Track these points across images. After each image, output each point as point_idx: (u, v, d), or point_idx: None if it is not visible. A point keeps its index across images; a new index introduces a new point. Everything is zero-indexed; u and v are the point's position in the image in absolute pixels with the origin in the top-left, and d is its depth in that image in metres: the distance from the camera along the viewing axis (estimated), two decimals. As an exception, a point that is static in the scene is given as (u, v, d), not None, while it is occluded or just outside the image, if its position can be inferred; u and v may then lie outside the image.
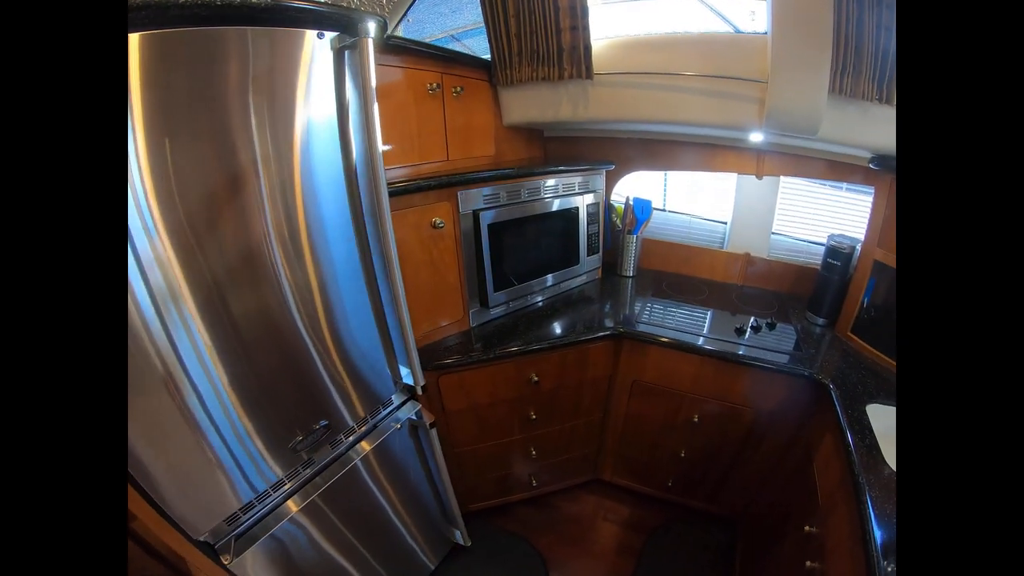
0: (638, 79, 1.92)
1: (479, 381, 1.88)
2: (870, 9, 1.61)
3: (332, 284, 1.25)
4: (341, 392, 1.38)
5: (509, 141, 2.24)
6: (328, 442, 1.38)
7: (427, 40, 2.11)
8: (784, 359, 1.89)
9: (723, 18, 2.17)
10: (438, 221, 1.72)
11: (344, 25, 1.09)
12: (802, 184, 2.40)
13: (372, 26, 1.11)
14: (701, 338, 1.98)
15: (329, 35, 1.08)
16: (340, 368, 1.35)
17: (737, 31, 2.11)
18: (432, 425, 1.65)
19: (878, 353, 1.95)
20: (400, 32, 2.21)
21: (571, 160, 2.28)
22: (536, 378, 1.94)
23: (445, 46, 1.97)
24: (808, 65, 1.68)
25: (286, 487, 1.29)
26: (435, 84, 1.78)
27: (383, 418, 1.56)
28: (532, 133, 2.42)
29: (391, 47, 1.61)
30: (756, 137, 2.11)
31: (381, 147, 1.19)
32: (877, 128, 1.85)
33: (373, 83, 1.13)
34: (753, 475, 2.17)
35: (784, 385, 1.89)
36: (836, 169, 2.22)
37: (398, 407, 1.60)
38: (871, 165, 1.95)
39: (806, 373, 1.82)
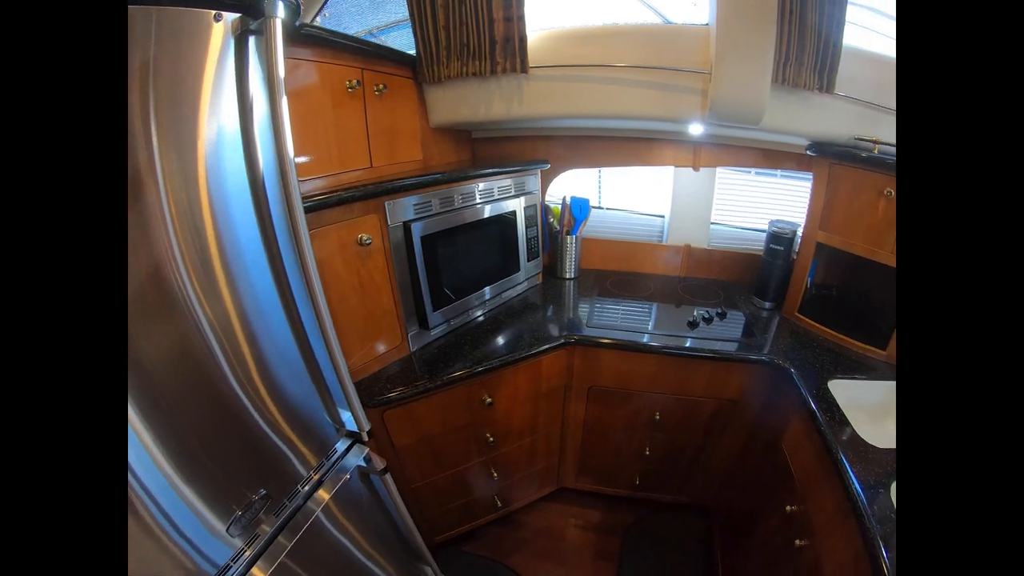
0: (577, 72, 1.81)
1: (428, 411, 1.69)
2: (812, 1, 1.64)
3: (257, 318, 1.02)
4: (286, 442, 1.15)
5: (437, 144, 2.06)
6: (284, 498, 1.16)
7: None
8: (736, 346, 1.90)
9: (655, 10, 2.14)
10: (365, 237, 1.50)
11: (246, 4, 0.87)
12: (737, 174, 2.43)
13: (280, 6, 0.89)
14: (653, 335, 1.93)
15: (228, 16, 0.85)
16: (278, 416, 1.12)
17: (668, 23, 2.06)
18: (384, 471, 1.43)
19: (828, 330, 2.01)
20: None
21: (502, 161, 2.13)
22: (489, 399, 1.80)
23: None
24: (752, 55, 1.67)
25: (247, 555, 1.04)
26: (355, 81, 1.56)
27: (331, 467, 1.33)
28: (460, 135, 2.26)
29: (305, 38, 1.37)
30: (696, 129, 2.07)
31: (292, 152, 0.96)
32: (817, 116, 1.89)
33: (281, 74, 0.91)
34: (721, 463, 2.17)
35: (742, 372, 1.89)
36: (771, 157, 2.26)
37: (344, 454, 1.37)
38: (809, 152, 2.00)
39: (765, 358, 1.82)
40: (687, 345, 1.87)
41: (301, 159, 1.43)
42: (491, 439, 1.92)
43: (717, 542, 2.25)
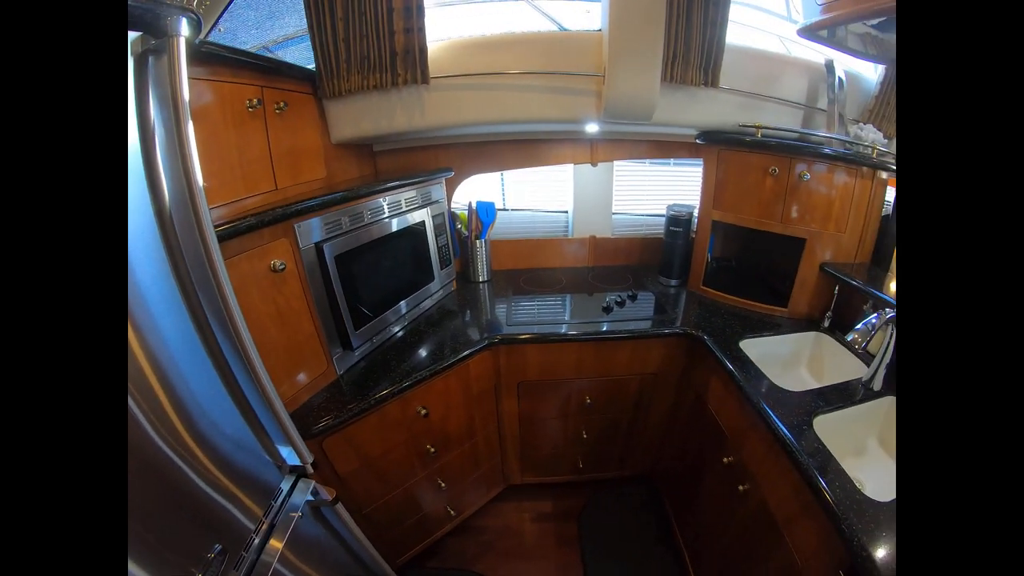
0: (477, 80, 1.85)
1: (366, 433, 1.64)
2: (698, 4, 1.79)
3: (170, 366, 0.92)
4: (227, 495, 1.05)
5: (340, 160, 1.99)
6: (241, 550, 1.06)
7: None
8: (650, 324, 2.03)
9: (551, 19, 2.21)
10: (278, 263, 1.42)
11: (147, 21, 0.79)
12: (634, 165, 2.58)
13: (184, 23, 0.82)
14: (571, 325, 2.02)
15: (128, 36, 0.78)
16: (214, 469, 1.01)
17: (563, 30, 2.16)
18: (335, 501, 1.37)
19: (732, 297, 2.22)
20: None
21: (406, 173, 2.11)
22: (424, 410, 1.78)
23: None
24: (642, 57, 1.80)
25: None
26: (255, 100, 1.46)
27: (280, 510, 1.23)
28: (361, 149, 2.20)
29: (203, 56, 1.27)
30: (592, 128, 2.19)
31: (201, 179, 0.90)
32: (704, 108, 2.07)
33: (186, 96, 0.84)
34: (656, 433, 2.33)
35: (659, 346, 2.03)
36: (664, 147, 2.44)
37: (290, 493, 1.29)
38: (699, 140, 2.18)
39: (679, 330, 1.97)
40: (604, 329, 1.97)
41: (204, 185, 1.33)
42: (432, 450, 1.90)
43: (668, 505, 2.38)
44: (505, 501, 2.54)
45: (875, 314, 1.58)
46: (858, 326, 1.56)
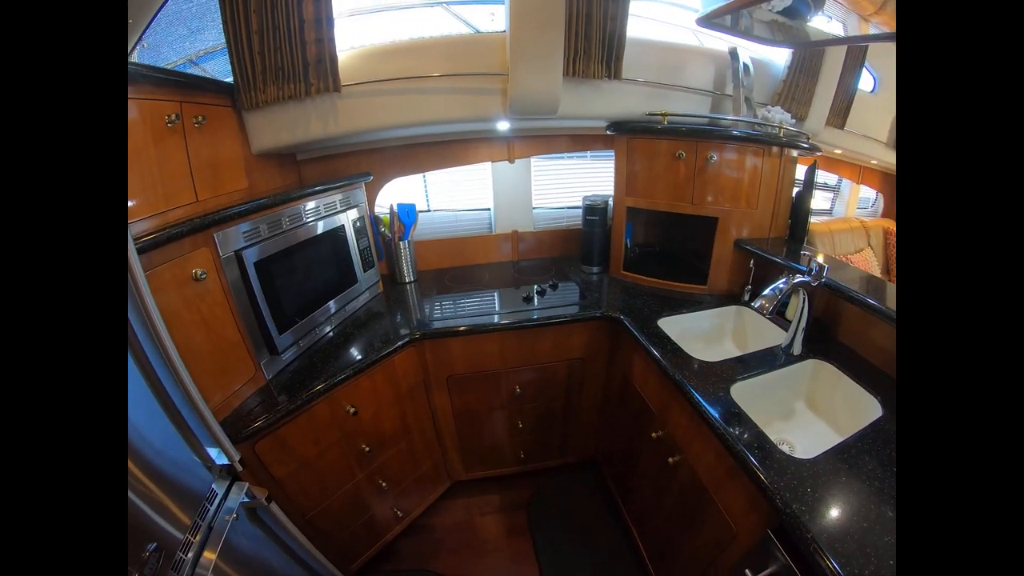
0: (387, 86, 1.94)
1: (297, 434, 1.69)
2: (598, 1, 1.92)
3: None
4: (155, 506, 1.08)
5: (262, 171, 2.04)
6: (171, 564, 1.08)
7: (166, 67, 1.79)
8: (572, 310, 2.13)
9: (466, 23, 2.33)
10: (199, 272, 1.48)
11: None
12: (552, 161, 2.73)
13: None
14: (494, 316, 2.10)
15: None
16: (142, 477, 1.05)
17: (477, 32, 2.27)
18: (268, 499, 1.41)
19: (652, 279, 2.37)
20: (135, 59, 1.86)
21: (327, 180, 2.16)
22: (353, 409, 1.83)
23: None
24: (544, 54, 1.91)
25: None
26: (174, 115, 1.51)
27: (213, 516, 1.27)
28: (284, 159, 2.25)
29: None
30: (503, 125, 2.30)
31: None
32: (609, 100, 2.21)
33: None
34: (590, 417, 2.44)
35: (582, 331, 2.14)
36: (579, 141, 2.59)
37: (224, 496, 1.33)
38: (609, 131, 2.31)
39: (598, 314, 2.09)
40: (523, 318, 2.06)
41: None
42: (367, 449, 1.95)
43: (612, 486, 2.48)
44: (453, 498, 2.62)
45: (782, 279, 1.66)
46: (765, 292, 1.62)
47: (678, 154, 2.11)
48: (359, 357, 1.86)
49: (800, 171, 2.29)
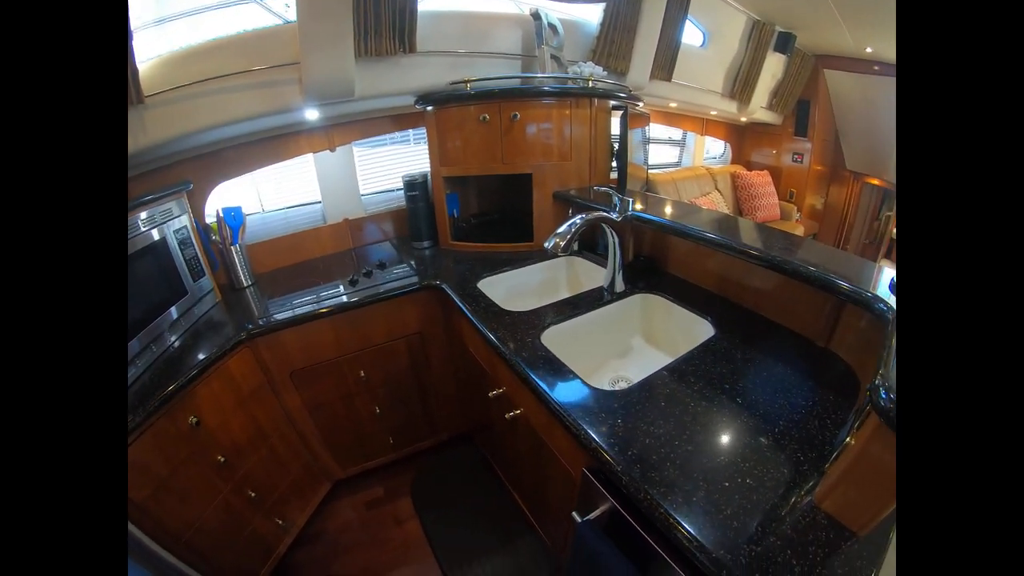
0: (190, 91, 1.89)
1: (144, 454, 1.57)
2: None
3: None
4: None
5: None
6: None
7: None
8: (397, 284, 2.13)
9: (278, 16, 2.27)
10: None
11: None
12: (376, 148, 2.75)
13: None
14: (321, 304, 2.04)
15: None
16: None
17: (287, 22, 2.20)
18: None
19: (481, 245, 2.43)
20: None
21: (146, 195, 2.01)
22: (195, 419, 1.74)
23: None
24: (332, 37, 1.91)
25: None
26: None
27: None
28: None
29: None
30: (314, 114, 2.27)
31: None
32: (410, 74, 2.23)
33: None
34: (446, 390, 2.46)
35: (410, 305, 2.15)
36: (401, 121, 2.59)
37: None
38: (417, 105, 2.31)
39: (418, 284, 2.11)
40: (349, 301, 2.03)
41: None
42: (222, 459, 1.86)
43: (487, 453, 2.53)
44: (338, 499, 2.59)
45: (577, 216, 1.63)
46: (558, 230, 1.59)
47: (482, 117, 2.12)
48: (192, 367, 1.78)
49: (615, 124, 2.35)
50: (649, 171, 4.69)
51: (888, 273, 1.28)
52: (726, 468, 1.02)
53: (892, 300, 1.12)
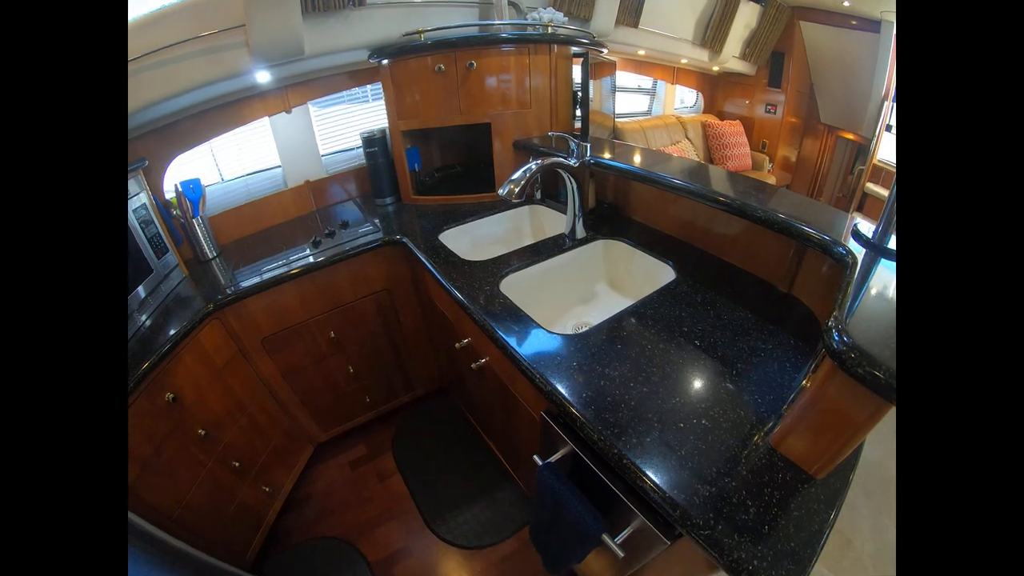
0: (135, 66, 1.81)
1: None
2: None
3: None
4: None
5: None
6: None
7: None
8: (359, 242, 2.10)
9: None
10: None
11: None
12: (334, 107, 2.68)
13: None
14: (288, 267, 2.01)
15: None
16: None
17: None
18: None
19: (444, 198, 2.40)
20: None
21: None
22: (171, 396, 1.73)
23: None
24: None
25: None
26: None
27: None
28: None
29: None
30: (263, 76, 2.19)
31: None
32: (361, 28, 2.15)
33: None
34: (419, 344, 2.48)
35: (373, 262, 2.14)
36: (357, 77, 2.51)
37: None
38: (371, 59, 2.25)
39: (379, 240, 2.09)
40: (313, 263, 2.01)
41: None
42: (204, 433, 1.86)
43: (461, 405, 2.58)
44: (321, 462, 2.63)
45: (533, 162, 1.62)
46: (513, 176, 1.57)
47: (437, 67, 2.07)
48: (163, 342, 1.74)
49: (576, 71, 2.30)
50: (617, 120, 4.63)
51: (863, 224, 1.24)
52: (682, 409, 1.03)
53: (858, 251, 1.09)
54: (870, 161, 4.85)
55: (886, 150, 4.80)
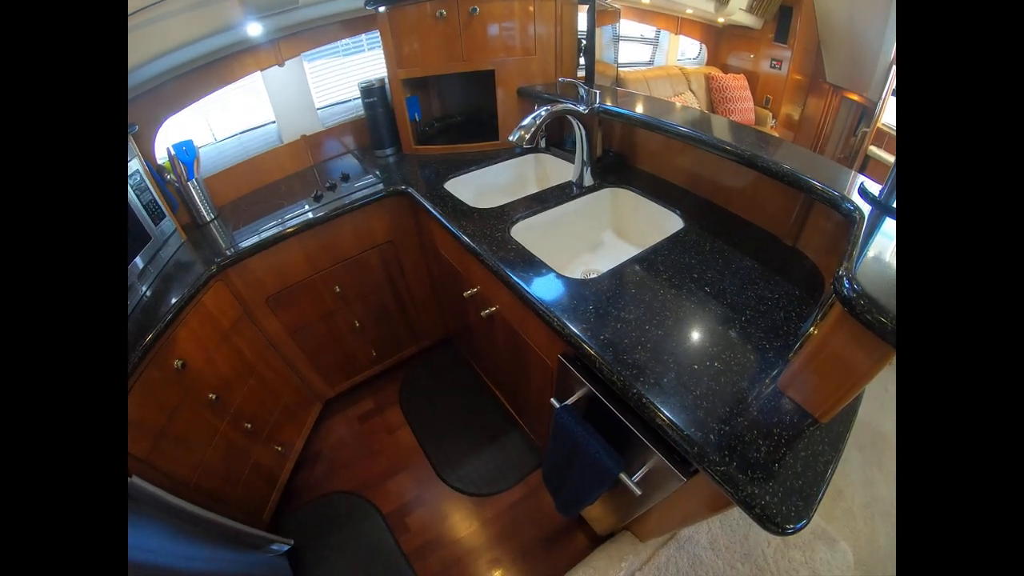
0: None
1: (137, 408, 1.51)
2: None
3: None
4: None
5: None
6: None
7: None
8: (362, 194, 2.04)
9: None
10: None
11: None
12: (328, 60, 2.56)
13: None
14: (287, 224, 1.96)
15: None
16: None
17: None
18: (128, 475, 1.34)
19: (446, 147, 2.35)
20: None
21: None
22: (180, 362, 1.69)
23: None
24: None
25: None
26: None
27: None
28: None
29: None
30: (255, 29, 2.10)
31: None
32: None
33: None
34: (424, 296, 2.47)
35: (377, 214, 2.09)
36: (351, 26, 2.38)
37: None
38: (368, 6, 2.13)
39: (384, 191, 2.04)
40: (316, 217, 1.95)
41: None
42: (214, 397, 1.84)
43: (467, 355, 2.62)
44: (330, 418, 2.65)
45: (542, 108, 1.57)
46: (522, 122, 1.52)
47: (438, 13, 1.98)
48: (168, 309, 1.70)
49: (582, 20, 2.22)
50: (620, 69, 4.52)
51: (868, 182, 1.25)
52: (695, 352, 1.06)
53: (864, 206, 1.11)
54: (874, 124, 4.74)
55: (891, 114, 4.68)
